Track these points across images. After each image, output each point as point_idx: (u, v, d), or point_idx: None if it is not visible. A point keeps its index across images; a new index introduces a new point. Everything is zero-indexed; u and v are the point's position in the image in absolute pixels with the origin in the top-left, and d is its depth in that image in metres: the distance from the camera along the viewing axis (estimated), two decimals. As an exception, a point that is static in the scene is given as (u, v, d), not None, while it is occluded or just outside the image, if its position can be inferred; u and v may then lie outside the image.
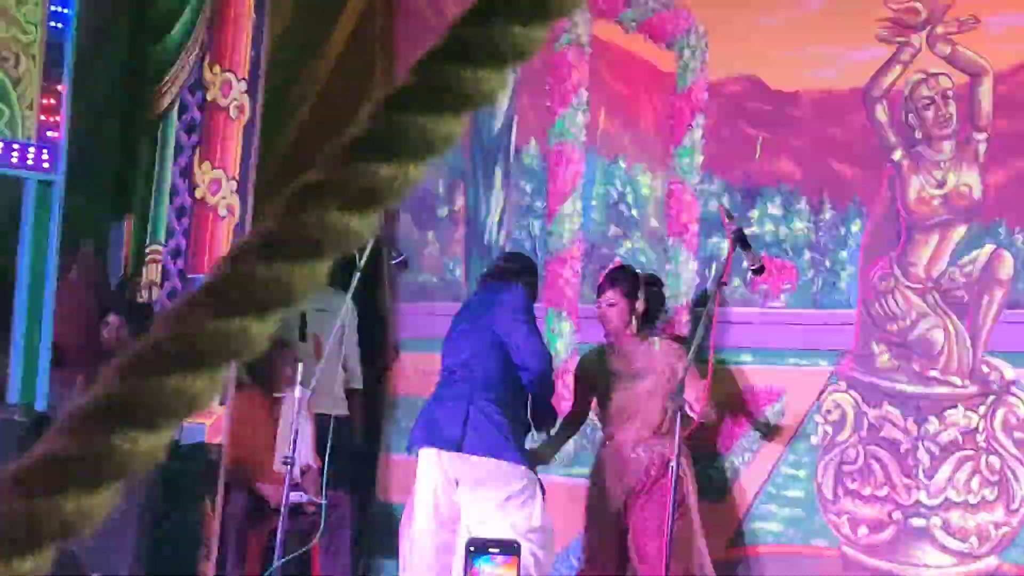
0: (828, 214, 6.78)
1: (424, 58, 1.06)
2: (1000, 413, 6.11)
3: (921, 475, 6.32)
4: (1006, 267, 6.16)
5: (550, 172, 7.76)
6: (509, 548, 3.96)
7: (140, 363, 0.95)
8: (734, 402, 6.86)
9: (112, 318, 7.67)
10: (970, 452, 6.16)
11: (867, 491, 6.50)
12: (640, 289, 6.67)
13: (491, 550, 3.95)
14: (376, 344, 8.37)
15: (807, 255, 6.82)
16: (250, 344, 0.95)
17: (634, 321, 6.65)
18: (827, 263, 6.76)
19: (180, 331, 0.95)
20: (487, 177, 8.03)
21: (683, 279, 7.15)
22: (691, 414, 6.08)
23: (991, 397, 6.14)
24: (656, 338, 6.71)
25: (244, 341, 0.95)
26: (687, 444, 6.10)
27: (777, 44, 6.95)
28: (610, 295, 6.67)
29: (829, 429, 6.66)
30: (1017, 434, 6.06)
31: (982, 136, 6.28)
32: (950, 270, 6.32)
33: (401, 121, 1.03)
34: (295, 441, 6.43)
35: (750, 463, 6.86)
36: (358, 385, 8.18)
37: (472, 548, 3.93)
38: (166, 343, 0.95)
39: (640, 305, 6.64)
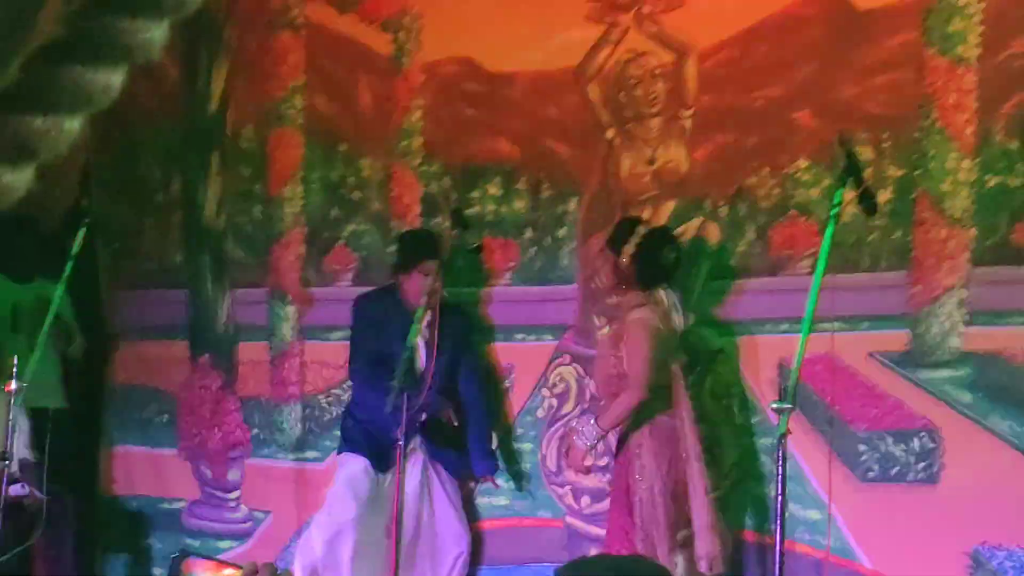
0: (546, 193, 6.88)
1: (80, 9, 1.05)
2: (708, 381, 6.28)
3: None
4: (712, 239, 6.34)
5: (269, 156, 7.70)
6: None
7: None
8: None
9: None
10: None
11: (589, 462, 6.63)
12: (627, 243, 5.96)
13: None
14: (94, 333, 8.18)
15: (528, 233, 6.91)
16: None
17: (620, 279, 6.00)
18: (547, 241, 6.86)
19: None
20: (203, 161, 7.92)
21: (406, 260, 7.18)
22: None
23: (700, 366, 6.31)
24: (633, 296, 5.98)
25: None
26: None
27: (489, 25, 7.01)
28: (604, 254, 6.10)
29: (555, 402, 6.78)
30: (724, 401, 6.24)
31: (688, 113, 6.45)
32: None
33: (55, 73, 1.03)
34: (10, 436, 6.24)
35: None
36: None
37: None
38: None
39: (624, 260, 5.98)
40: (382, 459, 6.47)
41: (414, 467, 6.54)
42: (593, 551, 6.32)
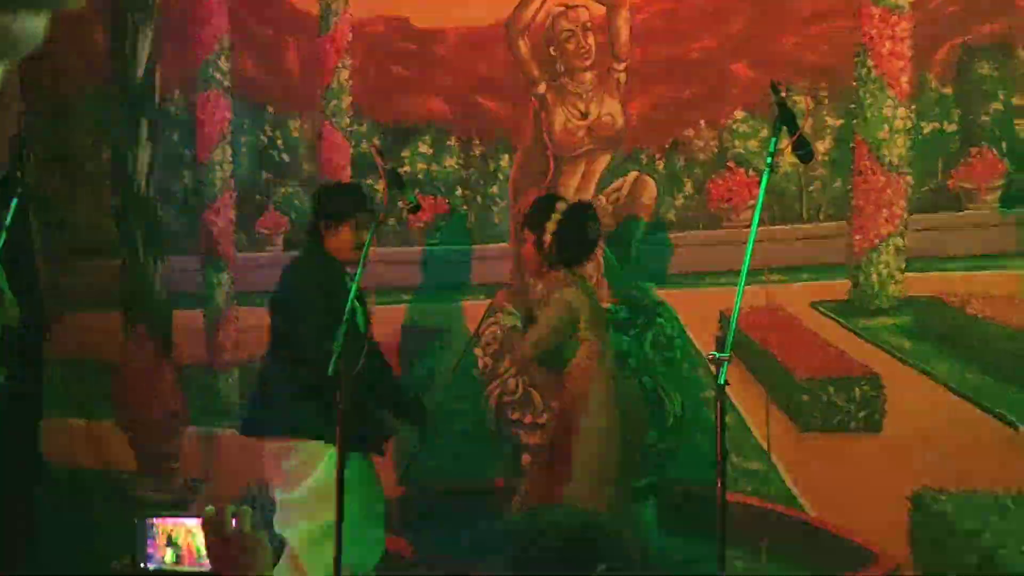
0: (478, 150, 6.84)
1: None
2: (650, 335, 6.29)
3: (582, 399, 6.43)
4: (649, 192, 6.33)
5: (197, 121, 7.61)
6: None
7: None
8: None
9: None
10: (627, 374, 6.31)
11: (528, 419, 6.62)
12: (548, 220, 5.68)
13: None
14: (30, 306, 8.07)
15: (459, 191, 6.87)
16: None
17: (544, 258, 5.71)
18: (479, 198, 6.83)
19: None
20: (132, 129, 7.82)
21: (339, 221, 7.11)
22: None
23: (641, 319, 6.30)
24: (559, 275, 5.72)
25: None
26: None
27: (418, -18, 6.96)
28: (525, 233, 5.79)
29: (489, 361, 6.75)
30: (667, 353, 6.25)
31: (621, 66, 6.42)
32: (598, 198, 6.45)
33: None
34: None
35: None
36: None
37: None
38: None
39: (546, 239, 5.67)
40: (373, 444, 5.90)
41: None
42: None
